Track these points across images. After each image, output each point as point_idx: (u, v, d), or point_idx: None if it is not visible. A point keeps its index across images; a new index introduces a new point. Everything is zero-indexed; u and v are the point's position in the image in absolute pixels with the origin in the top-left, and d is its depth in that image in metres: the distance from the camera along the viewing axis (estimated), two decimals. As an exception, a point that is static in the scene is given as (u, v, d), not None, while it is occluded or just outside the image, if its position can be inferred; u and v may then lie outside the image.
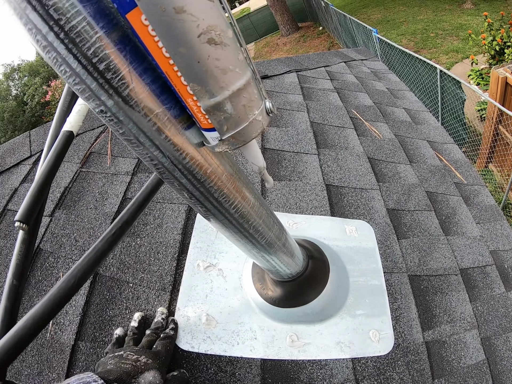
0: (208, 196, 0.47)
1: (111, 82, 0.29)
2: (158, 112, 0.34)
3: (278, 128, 1.62)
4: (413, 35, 11.31)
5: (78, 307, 1.03)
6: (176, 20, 0.26)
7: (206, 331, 0.98)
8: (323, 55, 2.39)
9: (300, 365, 0.97)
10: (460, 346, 1.10)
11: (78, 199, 1.33)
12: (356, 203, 1.34)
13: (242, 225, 0.56)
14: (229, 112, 0.33)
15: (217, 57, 0.30)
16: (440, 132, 1.93)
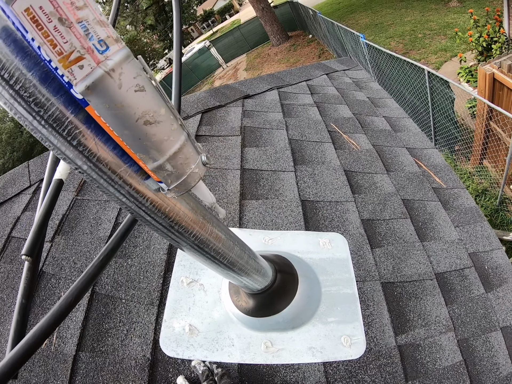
0: (170, 229, 0.56)
1: (83, 153, 0.39)
2: (121, 170, 0.43)
3: (257, 148, 1.71)
4: (401, 37, 11.36)
5: (78, 322, 1.16)
6: (118, 112, 0.36)
7: (189, 339, 1.10)
8: (305, 69, 2.47)
9: (274, 369, 1.06)
10: (435, 348, 1.15)
11: (75, 225, 1.43)
12: (331, 216, 1.41)
13: (203, 249, 0.65)
14: (170, 170, 0.43)
15: (153, 133, 0.40)
16: (420, 138, 1.98)
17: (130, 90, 0.36)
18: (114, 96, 0.34)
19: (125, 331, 1.14)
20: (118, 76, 0.34)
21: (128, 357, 1.09)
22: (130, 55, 0.36)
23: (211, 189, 1.49)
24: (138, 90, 0.37)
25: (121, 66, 0.34)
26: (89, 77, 0.32)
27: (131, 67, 0.35)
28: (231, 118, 1.90)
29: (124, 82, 0.35)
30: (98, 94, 0.34)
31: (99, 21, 0.33)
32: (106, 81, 0.33)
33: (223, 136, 1.77)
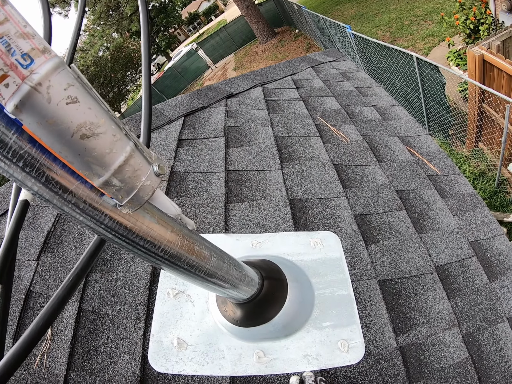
0: (135, 245, 0.51)
1: (31, 174, 0.36)
2: (73, 188, 0.40)
3: (242, 148, 1.65)
4: (388, 26, 11.41)
5: (67, 341, 1.12)
6: (51, 129, 0.33)
7: (178, 353, 1.05)
8: (289, 63, 2.41)
9: (268, 380, 1.01)
10: (439, 346, 1.10)
11: (60, 241, 1.39)
12: (321, 214, 1.35)
13: (175, 263, 0.60)
14: (118, 185, 0.40)
15: (92, 147, 0.36)
16: (412, 125, 1.92)
17: (61, 103, 0.33)
18: (44, 112, 0.32)
19: (113, 348, 1.10)
20: (46, 90, 0.32)
21: (117, 375, 1.05)
22: (60, 65, 0.33)
23: (195, 194, 1.43)
24: (70, 102, 0.34)
25: (49, 79, 0.32)
26: (16, 95, 0.30)
27: (61, 78, 0.33)
28: (214, 119, 1.84)
29: (54, 96, 0.32)
30: (27, 111, 0.31)
31: (23, 34, 0.31)
32: (33, 97, 0.31)
33: (206, 139, 1.71)
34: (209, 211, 1.37)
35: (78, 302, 1.19)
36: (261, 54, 16.12)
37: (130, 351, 1.08)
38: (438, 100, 5.24)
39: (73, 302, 1.19)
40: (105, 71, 21.26)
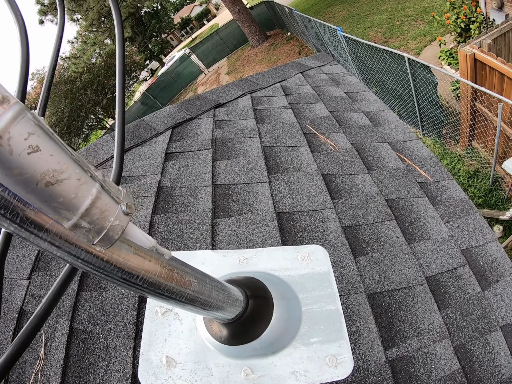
0: (113, 276, 0.52)
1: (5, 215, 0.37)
2: (48, 225, 0.41)
3: (229, 160, 1.64)
4: (379, 26, 11.48)
5: (60, 360, 1.13)
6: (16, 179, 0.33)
7: (167, 371, 1.04)
8: (279, 70, 2.39)
9: None
10: (429, 359, 1.09)
11: (50, 260, 1.39)
12: (309, 227, 1.34)
13: (155, 291, 0.60)
14: (87, 227, 0.41)
15: (58, 193, 0.37)
16: (402, 130, 1.91)
17: (23, 153, 0.33)
18: (7, 163, 0.32)
19: (104, 366, 1.10)
20: (6, 142, 0.32)
21: None
22: (20, 113, 0.33)
23: (182, 209, 1.42)
24: (31, 152, 0.34)
25: (8, 130, 0.32)
26: None
27: (20, 128, 0.33)
28: (202, 130, 1.82)
29: (15, 147, 0.32)
30: None
31: None
32: None
33: (194, 151, 1.69)
34: (196, 227, 1.35)
35: (69, 321, 1.19)
36: (253, 57, 16.17)
37: (121, 370, 1.09)
38: (431, 100, 5.26)
39: (65, 321, 1.20)
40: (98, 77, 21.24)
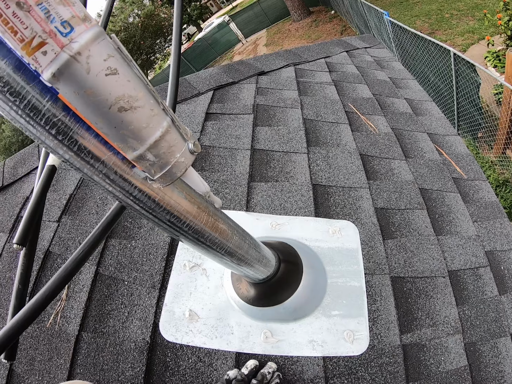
0: (161, 218, 0.52)
1: (63, 142, 0.36)
2: (105, 158, 0.40)
3: (269, 128, 1.63)
4: (427, 16, 10.82)
5: (82, 302, 1.16)
6: (88, 100, 0.32)
7: (189, 325, 1.08)
8: (324, 45, 2.34)
9: (273, 360, 1.03)
10: (440, 350, 1.10)
11: (81, 205, 1.42)
12: (343, 203, 1.34)
13: (198, 239, 0.61)
14: (152, 160, 0.40)
15: (130, 120, 0.36)
16: (442, 123, 1.87)
17: (100, 74, 0.32)
18: (83, 82, 0.31)
19: (126, 313, 1.13)
20: (85, 60, 0.30)
21: (128, 340, 1.08)
22: (101, 35, 0.32)
23: (219, 169, 1.43)
24: (109, 74, 0.33)
25: (89, 48, 0.30)
26: (54, 63, 0.29)
27: (101, 48, 0.31)
28: (244, 95, 1.81)
29: (93, 66, 0.31)
30: (65, 80, 0.30)
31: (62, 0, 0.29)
32: (72, 66, 0.30)
33: (235, 114, 1.69)
34: (231, 188, 1.37)
35: (96, 266, 1.22)
36: (294, 32, 15.66)
37: (142, 318, 1.11)
38: (471, 100, 5.03)
39: (91, 265, 1.23)
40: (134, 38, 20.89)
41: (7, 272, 1.31)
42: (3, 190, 1.58)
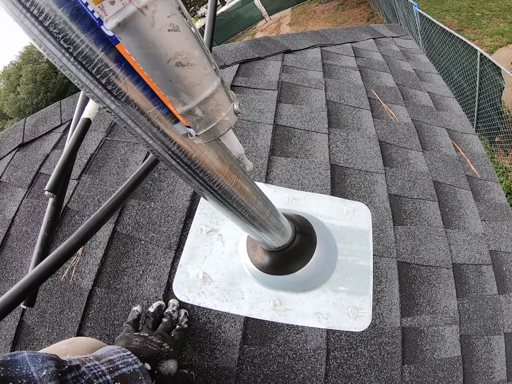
0: (194, 176, 0.55)
1: (112, 92, 0.38)
2: (150, 111, 0.42)
3: (293, 105, 1.64)
4: (457, 13, 10.47)
5: (97, 258, 1.19)
6: (149, 52, 0.34)
7: (202, 287, 1.12)
8: (351, 30, 2.32)
9: (279, 328, 1.07)
10: (437, 338, 1.14)
11: (102, 165, 1.44)
12: (358, 185, 1.36)
13: (226, 200, 0.64)
14: (199, 116, 0.42)
15: (185, 75, 0.37)
16: (462, 121, 1.88)
17: (163, 29, 0.33)
18: (146, 34, 0.33)
19: (141, 271, 1.16)
20: (151, 14, 0.32)
21: (141, 296, 1.11)
22: None
23: (241, 141, 1.45)
24: (171, 30, 0.34)
25: (155, 4, 0.32)
26: (120, 13, 0.30)
27: (165, 5, 0.33)
28: (269, 71, 1.81)
29: (157, 20, 0.33)
30: (129, 31, 0.32)
31: None
32: (138, 18, 0.31)
33: (259, 89, 1.69)
34: (252, 160, 1.38)
35: (114, 224, 1.25)
36: (319, 14, 15.25)
37: (156, 277, 1.15)
38: (493, 103, 4.98)
39: (109, 223, 1.25)
40: None
41: (23, 226, 1.34)
42: (23, 147, 1.60)
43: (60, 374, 0.55)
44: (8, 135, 1.63)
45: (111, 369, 0.65)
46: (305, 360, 1.03)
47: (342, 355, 1.05)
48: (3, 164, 1.55)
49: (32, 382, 0.51)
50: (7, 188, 1.46)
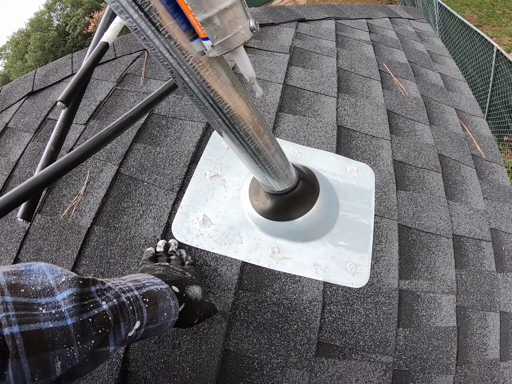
0: (205, 95, 0.56)
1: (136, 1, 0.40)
2: (170, 24, 0.44)
3: (303, 69, 1.63)
4: (478, 8, 10.31)
5: (99, 198, 1.19)
6: None
7: (201, 229, 1.12)
8: (367, 8, 2.31)
9: (276, 275, 1.07)
10: (433, 305, 1.14)
11: (111, 111, 1.44)
12: (364, 148, 1.36)
13: (233, 126, 0.65)
14: (217, 25, 0.44)
15: None
16: (471, 104, 1.87)
17: None
18: None
19: (141, 211, 1.17)
20: None
21: (139, 236, 1.12)
22: None
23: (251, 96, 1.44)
24: None
25: None
26: None
27: None
28: (283, 37, 1.80)
29: None
30: None
31: None
32: None
33: (271, 51, 1.69)
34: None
35: (118, 166, 1.25)
36: None
37: (156, 217, 1.15)
38: (505, 101, 4.94)
39: (113, 165, 1.25)
40: None
41: (27, 167, 1.34)
42: (32, 95, 1.60)
43: (82, 282, 0.52)
44: (18, 85, 1.63)
45: (137, 286, 0.65)
46: (299, 311, 1.03)
47: (337, 310, 1.05)
48: (11, 111, 1.55)
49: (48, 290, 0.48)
50: (13, 133, 1.46)
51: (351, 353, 1.01)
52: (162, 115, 1.39)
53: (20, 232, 1.16)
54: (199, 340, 0.98)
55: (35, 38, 18.03)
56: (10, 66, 19.36)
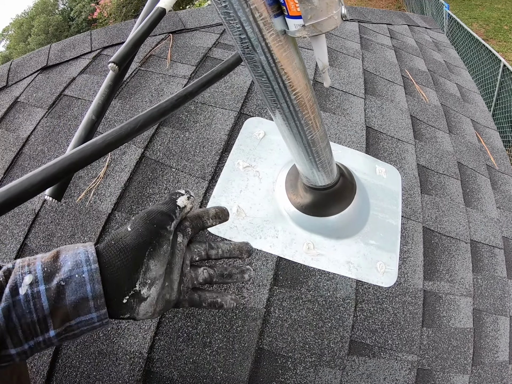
0: (277, 77, 0.54)
1: None
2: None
3: (331, 67, 1.64)
4: (485, 22, 10.49)
5: (121, 182, 1.11)
6: None
7: (234, 221, 1.07)
8: (387, 13, 2.35)
9: (310, 272, 1.05)
10: (453, 306, 1.16)
11: (134, 92, 1.37)
12: (390, 150, 1.37)
13: (297, 114, 0.63)
14: (315, 5, 0.42)
15: None
16: (485, 116, 1.92)
17: None
18: None
19: None
20: None
21: None
22: None
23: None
24: None
25: None
26: None
27: None
28: (307, 34, 1.80)
29: None
30: None
31: None
32: None
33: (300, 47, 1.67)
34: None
35: (143, 149, 1.18)
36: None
37: None
38: (508, 115, 5.04)
39: (137, 147, 1.18)
40: None
41: (39, 145, 1.25)
42: (46, 70, 1.50)
43: None
44: (31, 58, 1.53)
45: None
46: (333, 308, 1.02)
47: (369, 308, 1.05)
48: (22, 85, 1.45)
49: None
50: (24, 108, 1.36)
51: (380, 351, 1.01)
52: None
53: (29, 215, 1.05)
54: (232, 339, 0.93)
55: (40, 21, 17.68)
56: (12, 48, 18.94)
